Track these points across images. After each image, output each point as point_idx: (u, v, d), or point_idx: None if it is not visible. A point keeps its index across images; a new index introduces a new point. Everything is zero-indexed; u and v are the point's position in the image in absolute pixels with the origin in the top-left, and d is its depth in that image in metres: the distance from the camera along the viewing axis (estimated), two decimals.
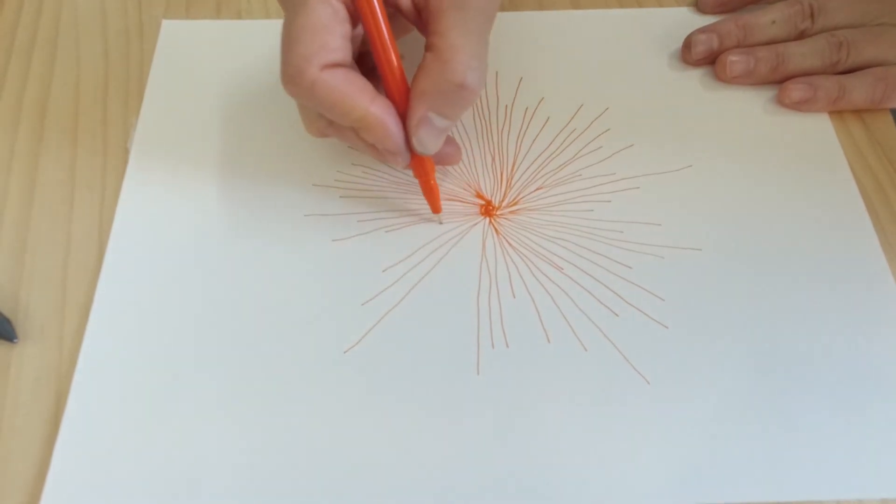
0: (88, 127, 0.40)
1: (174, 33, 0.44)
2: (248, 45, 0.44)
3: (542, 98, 0.42)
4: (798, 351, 0.33)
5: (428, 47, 0.32)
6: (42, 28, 0.45)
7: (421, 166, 0.35)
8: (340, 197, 0.38)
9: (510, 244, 0.36)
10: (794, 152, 0.39)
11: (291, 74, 0.31)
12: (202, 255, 0.36)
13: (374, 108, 0.31)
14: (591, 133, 0.40)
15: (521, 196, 0.38)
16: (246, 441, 0.31)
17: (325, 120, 0.33)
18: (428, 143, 0.33)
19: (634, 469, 0.30)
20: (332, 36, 0.31)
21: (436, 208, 0.36)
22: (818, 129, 0.40)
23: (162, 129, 0.40)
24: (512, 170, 0.39)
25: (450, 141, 0.37)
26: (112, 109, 0.41)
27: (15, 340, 0.33)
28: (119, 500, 0.30)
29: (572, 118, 0.41)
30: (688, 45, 0.43)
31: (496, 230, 0.37)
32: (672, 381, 0.32)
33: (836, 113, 0.41)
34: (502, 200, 0.38)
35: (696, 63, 0.43)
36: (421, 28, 0.33)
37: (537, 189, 0.38)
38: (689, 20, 0.45)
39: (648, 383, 0.32)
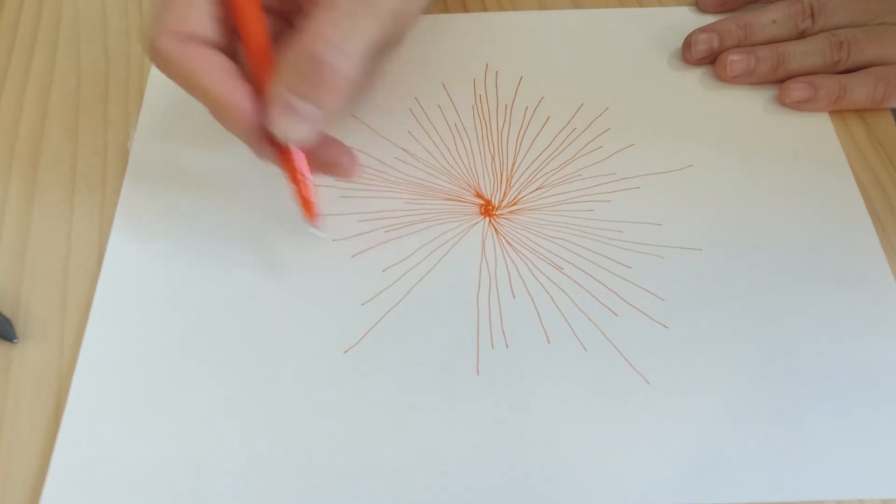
0: (89, 127, 0.40)
1: None
2: None
3: (542, 97, 0.42)
4: (798, 351, 0.33)
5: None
6: (42, 28, 0.45)
7: (286, 160, 0.32)
8: (340, 197, 0.38)
9: (510, 244, 0.36)
10: (794, 152, 0.39)
11: (148, 44, 0.30)
12: (202, 255, 0.36)
13: (224, 86, 0.30)
14: (592, 133, 0.40)
15: (520, 196, 0.38)
16: (246, 441, 0.31)
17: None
18: (282, 124, 0.30)
19: (634, 469, 0.30)
20: (194, 10, 0.30)
21: (309, 215, 0.33)
22: (819, 128, 0.40)
23: (162, 129, 0.40)
24: (512, 169, 0.39)
25: (344, 150, 0.34)
26: (112, 109, 0.41)
27: (15, 340, 0.33)
28: (119, 499, 0.30)
29: (572, 118, 0.41)
30: (688, 44, 0.43)
31: (496, 230, 0.37)
32: (672, 382, 0.32)
33: (837, 112, 0.41)
34: (502, 200, 0.38)
35: (697, 62, 0.43)
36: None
37: (537, 189, 0.38)
38: (690, 19, 0.45)
39: (648, 383, 0.32)
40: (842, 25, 0.41)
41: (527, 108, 0.41)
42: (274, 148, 0.32)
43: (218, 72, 0.30)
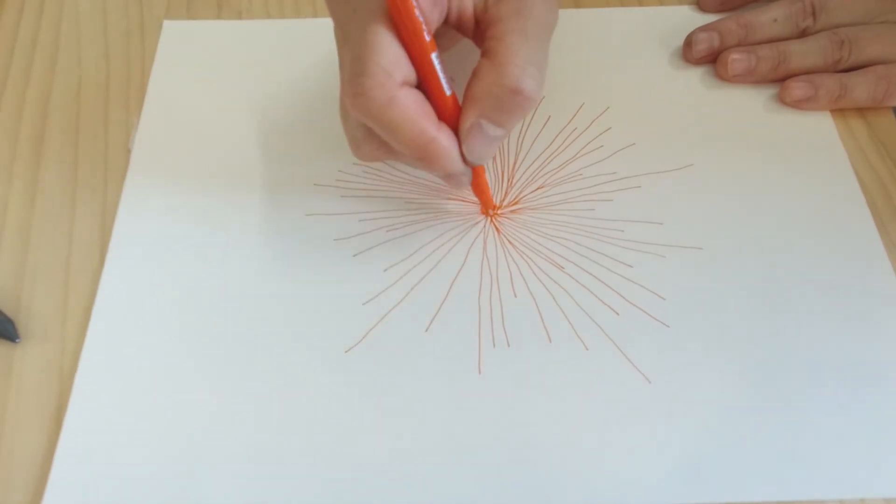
0: (90, 127, 0.41)
1: (175, 33, 0.44)
2: (250, 45, 0.44)
3: (543, 97, 0.42)
4: (799, 349, 0.33)
5: (483, 53, 0.31)
6: (43, 28, 0.45)
7: (477, 177, 0.34)
8: (342, 196, 0.38)
9: (511, 243, 0.36)
10: (795, 151, 0.39)
11: (370, 87, 0.28)
12: (203, 255, 0.36)
13: (441, 135, 0.30)
14: (592, 132, 0.40)
15: (521, 195, 0.38)
16: (248, 440, 0.31)
17: (381, 144, 0.32)
18: (480, 151, 0.31)
19: (635, 468, 0.30)
20: (395, 52, 0.29)
21: (488, 204, 0.36)
22: (820, 127, 0.40)
23: (163, 130, 0.40)
24: (513, 169, 0.39)
25: None
26: (113, 110, 0.41)
27: (17, 340, 0.33)
28: (121, 498, 0.30)
29: (573, 117, 0.41)
30: (689, 43, 0.43)
31: (497, 229, 0.37)
32: (673, 380, 0.32)
33: (838, 111, 0.41)
34: (503, 200, 0.38)
35: (698, 62, 0.43)
36: (477, 39, 0.32)
37: (538, 188, 0.38)
38: (691, 19, 0.45)
39: (649, 382, 0.32)
40: (843, 24, 0.41)
41: None
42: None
43: (435, 122, 0.30)
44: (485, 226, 0.37)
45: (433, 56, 0.30)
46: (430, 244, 0.36)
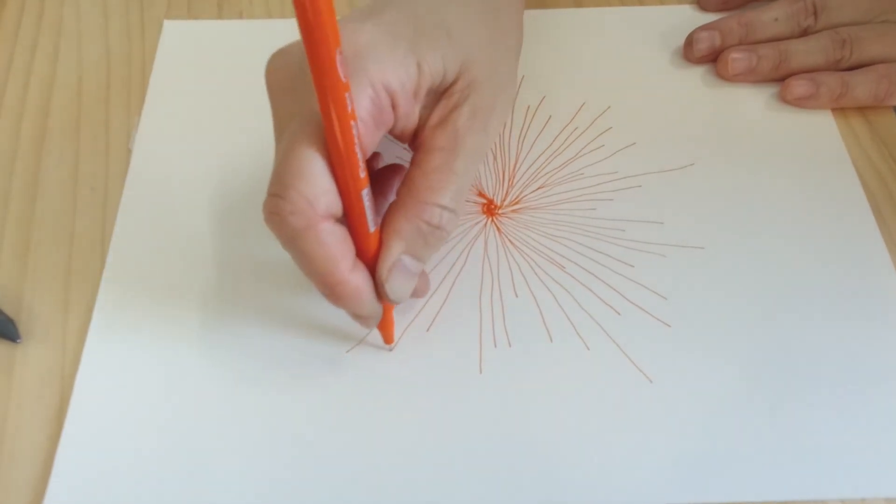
0: (90, 127, 0.40)
1: (176, 33, 0.44)
2: (250, 44, 0.44)
3: (544, 96, 0.42)
4: (801, 349, 0.33)
5: (409, 177, 0.29)
6: (44, 28, 0.45)
7: (385, 313, 0.31)
8: None
9: (512, 243, 0.36)
10: (796, 150, 0.39)
11: (288, 212, 0.26)
12: (204, 255, 0.36)
13: (354, 277, 0.28)
14: (593, 131, 0.40)
15: (522, 195, 0.38)
16: (248, 441, 0.31)
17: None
18: (401, 289, 0.30)
19: (637, 467, 0.30)
20: (324, 182, 0.26)
21: (389, 339, 0.33)
22: (821, 126, 0.40)
23: (164, 130, 0.40)
24: (513, 168, 0.39)
25: (421, 274, 0.32)
26: (114, 110, 0.41)
27: (18, 341, 0.33)
28: (122, 498, 0.30)
29: (574, 116, 0.41)
30: (690, 42, 0.43)
31: (498, 229, 0.37)
32: (674, 380, 0.32)
33: (840, 110, 0.41)
34: (504, 199, 0.38)
35: (699, 61, 0.43)
36: (412, 146, 0.31)
37: (539, 188, 0.38)
38: (691, 18, 0.45)
39: (651, 382, 0.32)
40: (844, 23, 0.41)
41: (528, 107, 0.41)
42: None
43: (350, 260, 0.28)
44: (486, 225, 0.37)
45: (364, 193, 0.27)
46: None
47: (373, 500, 0.30)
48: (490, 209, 0.38)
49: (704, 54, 0.42)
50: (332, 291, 0.28)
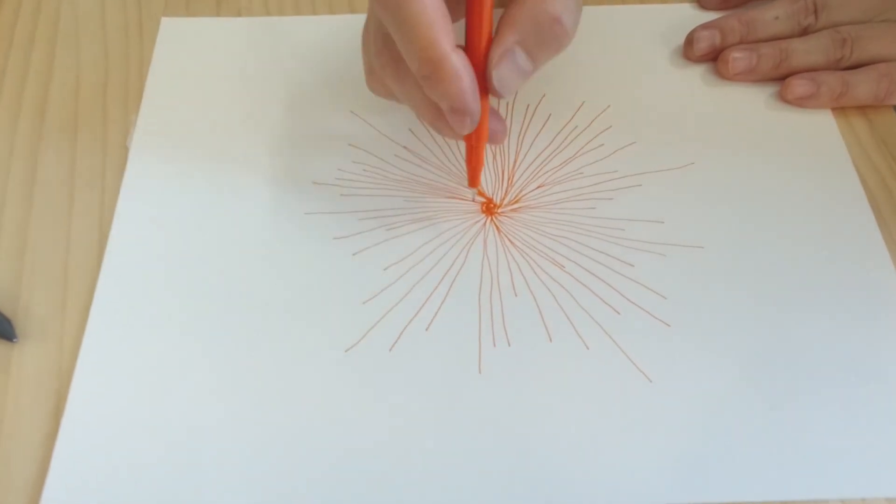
0: (88, 125, 0.40)
1: (174, 30, 0.44)
2: (248, 42, 0.44)
3: (544, 95, 0.41)
4: (801, 348, 0.33)
5: None
6: (41, 25, 0.45)
7: (478, 130, 0.31)
8: (341, 195, 0.38)
9: (511, 242, 0.36)
10: (797, 149, 0.39)
11: None
12: (202, 254, 0.36)
13: (455, 56, 0.28)
14: (593, 130, 0.40)
15: (522, 194, 0.38)
16: (247, 440, 0.31)
17: (392, 63, 0.30)
18: (508, 80, 0.29)
19: (637, 467, 0.30)
20: None
21: (475, 181, 0.34)
22: (821, 125, 0.40)
23: (162, 127, 0.40)
24: (513, 168, 0.39)
25: (498, 117, 0.34)
26: (112, 107, 0.41)
27: (15, 340, 0.33)
28: (119, 498, 0.30)
29: (574, 115, 0.41)
30: (690, 41, 0.42)
31: (497, 228, 0.37)
32: (674, 380, 0.32)
33: (840, 109, 0.41)
34: (503, 198, 0.38)
35: (699, 59, 0.43)
36: None
37: (538, 187, 0.38)
38: (692, 17, 0.45)
39: (650, 381, 0.32)
40: (844, 22, 0.41)
41: (528, 105, 0.41)
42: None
43: (451, 39, 0.28)
44: (485, 224, 0.37)
45: None
46: (429, 243, 0.36)
47: (372, 500, 0.30)
48: (489, 208, 0.37)
49: (705, 53, 0.42)
50: (432, 69, 0.28)
